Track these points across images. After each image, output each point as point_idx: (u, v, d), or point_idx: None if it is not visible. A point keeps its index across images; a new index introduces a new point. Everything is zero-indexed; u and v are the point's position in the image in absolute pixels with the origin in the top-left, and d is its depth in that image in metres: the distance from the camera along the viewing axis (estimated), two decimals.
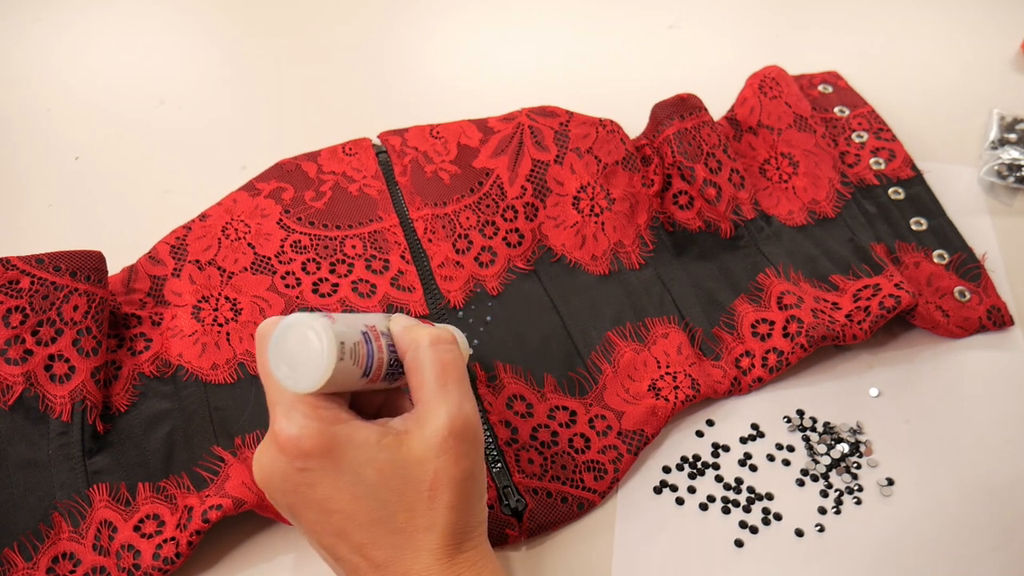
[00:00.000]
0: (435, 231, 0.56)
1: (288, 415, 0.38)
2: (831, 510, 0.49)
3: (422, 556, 0.38)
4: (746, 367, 0.53)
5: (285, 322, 0.38)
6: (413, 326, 0.41)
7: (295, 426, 0.37)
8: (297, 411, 0.38)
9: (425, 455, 0.38)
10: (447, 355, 0.40)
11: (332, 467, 0.37)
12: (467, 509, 0.39)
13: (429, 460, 0.38)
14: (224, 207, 0.56)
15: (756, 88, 0.63)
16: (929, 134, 0.66)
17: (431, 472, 0.38)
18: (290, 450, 0.37)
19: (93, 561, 0.45)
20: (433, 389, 0.39)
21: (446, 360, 0.40)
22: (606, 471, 0.50)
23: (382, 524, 0.38)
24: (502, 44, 0.75)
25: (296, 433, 0.37)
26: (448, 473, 0.38)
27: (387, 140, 0.60)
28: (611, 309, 0.55)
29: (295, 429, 0.37)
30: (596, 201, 0.58)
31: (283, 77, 0.72)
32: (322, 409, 0.38)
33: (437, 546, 0.38)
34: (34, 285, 0.49)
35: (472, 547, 0.39)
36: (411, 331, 0.41)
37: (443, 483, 0.38)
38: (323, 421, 0.38)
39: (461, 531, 0.39)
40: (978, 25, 0.76)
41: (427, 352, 0.40)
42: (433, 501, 0.38)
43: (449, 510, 0.38)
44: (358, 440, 0.38)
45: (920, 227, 0.60)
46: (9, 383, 0.48)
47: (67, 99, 0.70)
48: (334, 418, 0.38)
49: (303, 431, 0.37)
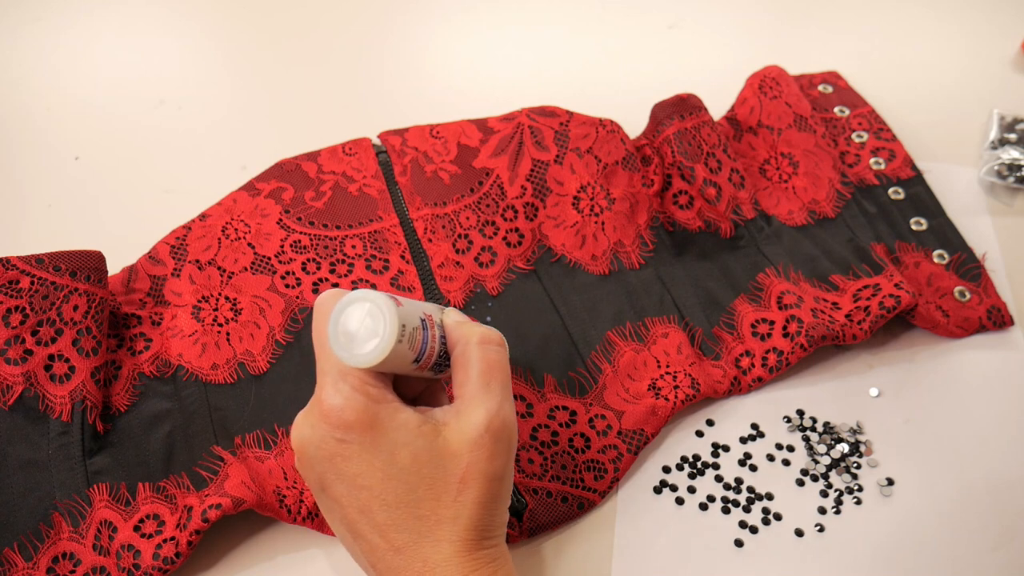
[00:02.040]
0: (435, 231, 0.56)
1: (336, 385, 0.38)
2: (831, 510, 0.49)
3: (442, 546, 0.38)
4: (746, 367, 0.53)
5: (352, 295, 0.38)
6: (465, 322, 0.42)
7: (341, 397, 0.38)
8: (346, 383, 0.38)
9: (460, 448, 0.39)
10: (493, 355, 0.41)
11: (370, 443, 0.38)
12: (492, 507, 0.40)
13: (463, 453, 0.39)
14: (224, 207, 0.56)
15: (756, 88, 0.63)
16: (929, 134, 0.66)
17: (463, 465, 0.39)
18: (333, 419, 0.38)
19: (93, 561, 0.45)
20: (477, 386, 0.40)
21: (492, 360, 0.41)
22: (606, 471, 0.50)
23: (408, 508, 0.38)
24: (502, 44, 0.75)
25: (341, 404, 0.38)
26: (479, 468, 0.39)
27: (387, 140, 0.60)
28: (611, 309, 0.55)
29: (341, 400, 0.38)
30: (596, 201, 0.58)
31: (283, 77, 0.72)
32: (370, 386, 0.39)
33: (458, 538, 0.38)
34: (34, 285, 0.49)
35: (491, 545, 0.40)
36: (463, 326, 0.42)
37: (473, 477, 0.39)
38: (369, 397, 0.38)
39: (483, 528, 0.39)
40: (978, 25, 0.76)
41: (475, 349, 0.41)
42: (461, 494, 0.39)
43: (475, 505, 0.39)
44: (398, 422, 0.39)
45: (920, 227, 0.60)
46: (9, 383, 0.48)
47: (67, 99, 0.70)
48: (380, 396, 0.39)
49: (349, 403, 0.38)
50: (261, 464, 0.48)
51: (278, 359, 0.52)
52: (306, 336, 0.52)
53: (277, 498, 0.46)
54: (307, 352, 0.52)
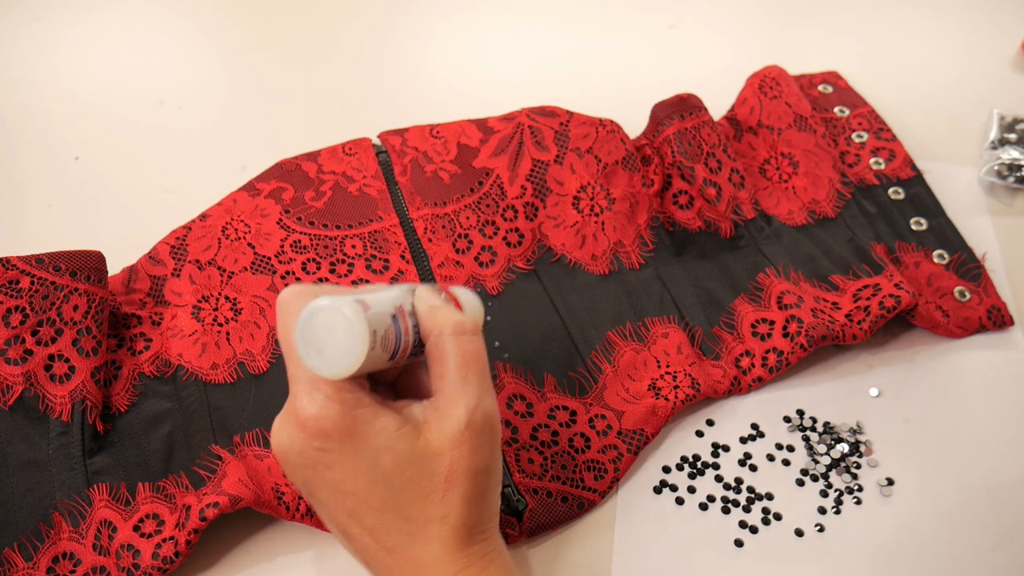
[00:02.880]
0: (435, 231, 0.56)
1: (310, 394, 0.37)
2: (831, 510, 0.49)
3: (432, 545, 0.38)
4: (746, 367, 0.53)
5: (316, 304, 0.37)
6: (439, 308, 0.40)
7: (316, 406, 0.37)
8: (319, 392, 0.37)
9: (441, 447, 0.38)
10: (469, 346, 0.39)
11: (351, 450, 0.37)
12: (481, 502, 0.39)
13: (445, 452, 0.38)
14: (224, 207, 0.56)
15: (756, 88, 0.63)
16: (929, 134, 0.66)
17: (447, 464, 0.38)
18: (310, 429, 0.37)
19: (93, 561, 0.45)
20: (454, 381, 0.39)
21: (467, 351, 0.39)
22: (606, 471, 0.50)
23: (395, 511, 0.38)
24: (502, 44, 0.75)
25: (316, 413, 0.37)
26: (463, 465, 0.38)
27: (387, 140, 0.60)
28: (611, 309, 0.55)
29: (316, 409, 0.37)
30: (596, 201, 0.58)
31: (283, 77, 0.72)
32: (345, 392, 0.38)
33: (448, 536, 0.38)
34: (34, 285, 0.49)
35: (483, 539, 0.39)
36: (436, 313, 0.40)
37: (458, 475, 0.38)
38: (345, 404, 0.37)
39: (474, 523, 0.39)
40: (978, 25, 0.76)
41: (450, 341, 0.39)
42: (447, 492, 0.38)
43: (463, 502, 0.38)
44: (377, 427, 0.38)
45: (920, 227, 0.60)
46: (9, 383, 0.48)
47: (67, 99, 0.70)
48: (356, 401, 0.38)
49: (324, 411, 0.37)
50: (260, 462, 0.48)
51: (278, 359, 0.51)
52: None
53: (275, 495, 0.46)
54: None
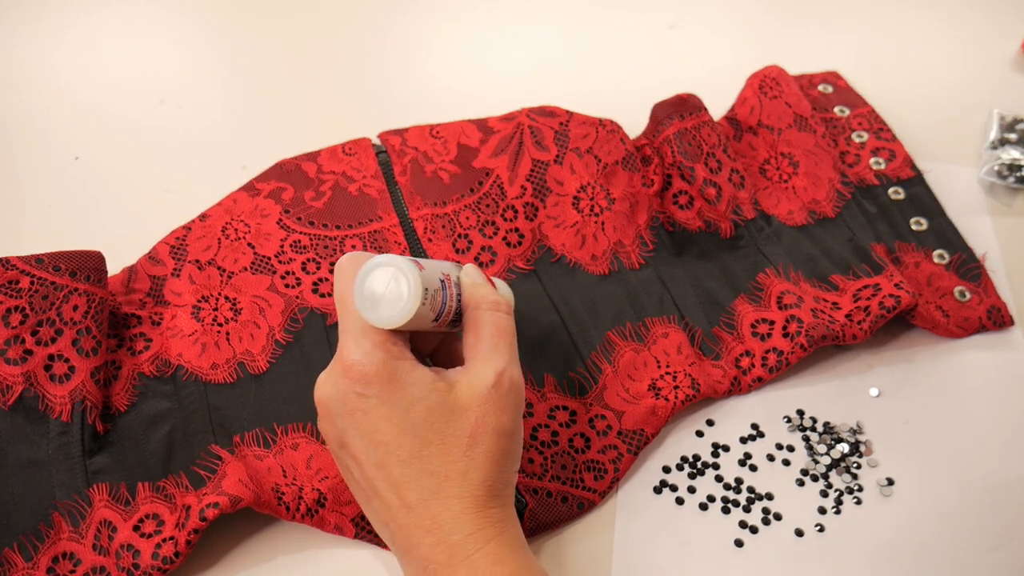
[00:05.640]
0: (435, 231, 0.56)
1: (358, 343, 0.41)
2: (831, 510, 0.49)
3: (451, 503, 0.40)
4: (746, 367, 0.53)
5: (377, 260, 0.41)
6: (481, 283, 0.45)
7: (362, 352, 0.41)
8: (368, 339, 0.41)
9: (469, 402, 0.41)
10: (502, 321, 0.44)
11: (388, 397, 0.40)
12: (501, 464, 0.41)
13: (472, 408, 0.41)
14: (224, 207, 0.56)
15: (756, 88, 0.63)
16: (929, 134, 0.66)
17: (472, 419, 0.41)
18: (354, 374, 0.40)
19: (93, 561, 0.45)
20: (486, 347, 0.43)
21: (500, 325, 0.43)
22: (606, 471, 0.50)
23: (420, 462, 0.40)
24: (502, 44, 0.75)
25: (362, 359, 0.40)
26: (488, 422, 0.41)
27: (387, 140, 0.60)
28: (611, 309, 0.55)
29: (361, 355, 0.40)
30: (596, 201, 0.58)
31: (283, 77, 0.72)
32: (390, 343, 0.41)
33: (467, 495, 0.40)
34: (34, 285, 0.49)
35: (499, 505, 0.41)
36: (477, 289, 0.44)
37: (483, 432, 0.41)
38: (389, 353, 0.41)
39: (492, 485, 0.40)
40: (978, 25, 0.76)
41: (486, 314, 0.43)
42: (471, 448, 0.40)
43: (485, 459, 0.40)
44: (415, 377, 0.41)
45: (920, 227, 0.60)
46: (9, 383, 0.48)
47: (67, 99, 0.70)
48: (399, 353, 0.41)
49: (369, 358, 0.40)
50: (260, 462, 0.48)
51: (278, 359, 0.52)
52: (306, 336, 0.52)
53: (275, 495, 0.46)
54: (307, 352, 0.52)
